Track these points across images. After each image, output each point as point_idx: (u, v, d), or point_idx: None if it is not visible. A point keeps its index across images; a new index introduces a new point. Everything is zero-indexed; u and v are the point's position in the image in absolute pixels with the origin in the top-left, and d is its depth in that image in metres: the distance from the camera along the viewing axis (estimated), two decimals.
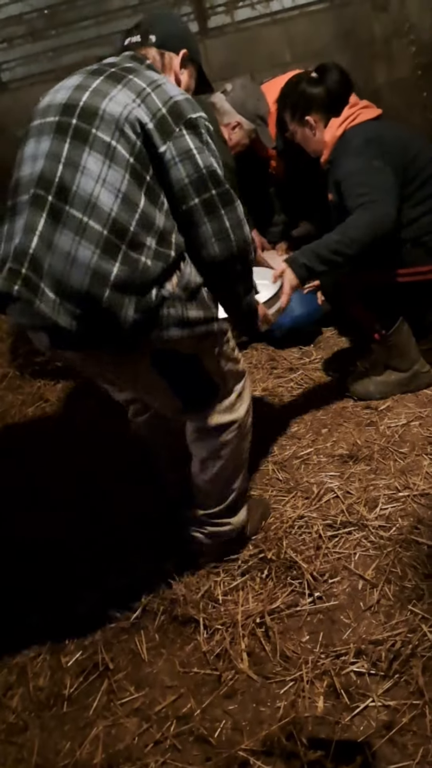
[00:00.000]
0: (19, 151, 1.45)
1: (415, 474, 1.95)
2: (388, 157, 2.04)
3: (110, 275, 1.33)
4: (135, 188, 1.38)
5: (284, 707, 1.40)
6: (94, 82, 1.41)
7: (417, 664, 1.41)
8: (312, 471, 2.06)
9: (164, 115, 1.39)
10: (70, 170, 1.35)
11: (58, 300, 1.33)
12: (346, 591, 1.64)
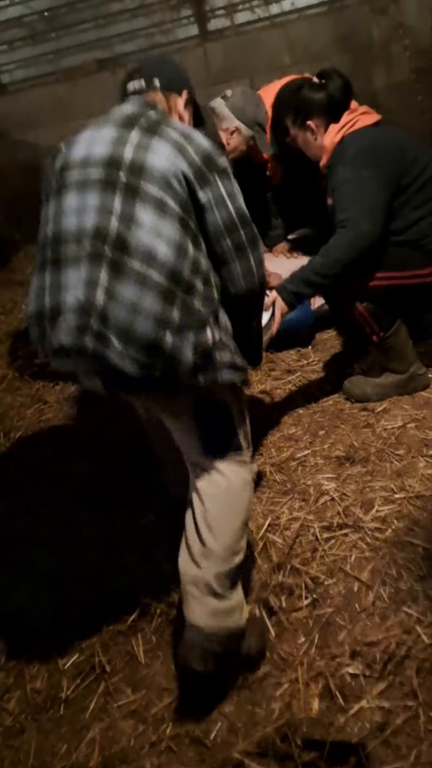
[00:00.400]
0: (52, 203, 1.49)
1: (411, 476, 1.95)
2: (382, 164, 2.06)
3: (171, 321, 1.42)
4: (184, 236, 1.47)
5: (279, 709, 1.41)
6: (131, 135, 1.48)
7: (411, 666, 1.42)
8: (309, 473, 2.07)
9: (200, 166, 1.50)
10: (125, 224, 1.43)
11: (123, 348, 1.40)
12: (342, 593, 1.64)
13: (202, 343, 1.46)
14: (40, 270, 1.49)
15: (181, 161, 1.48)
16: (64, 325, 1.41)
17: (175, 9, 4.44)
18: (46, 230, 1.49)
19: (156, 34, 4.52)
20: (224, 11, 4.42)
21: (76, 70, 4.59)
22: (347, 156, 2.10)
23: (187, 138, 1.52)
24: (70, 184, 1.48)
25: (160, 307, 1.41)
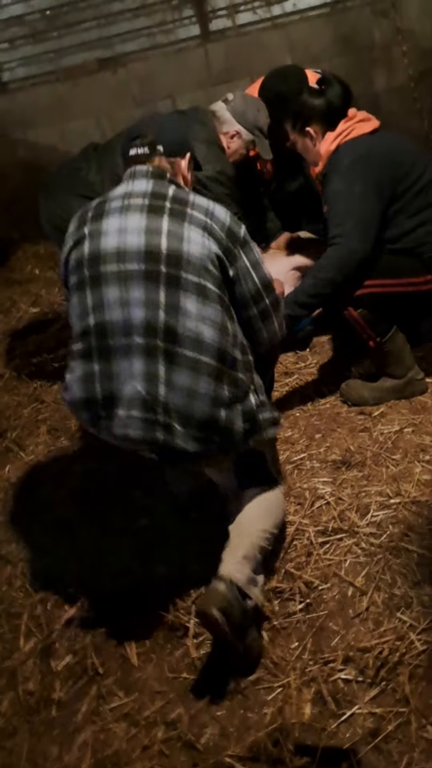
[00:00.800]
0: (89, 294, 1.59)
1: (407, 481, 1.95)
2: (375, 176, 2.08)
3: (223, 397, 1.58)
4: (224, 315, 1.61)
5: (271, 713, 1.41)
6: (162, 224, 1.58)
7: (404, 672, 1.42)
8: (305, 477, 2.07)
9: (227, 244, 1.62)
10: (172, 315, 1.55)
11: (184, 430, 1.55)
12: (336, 598, 1.65)
13: (249, 411, 1.63)
14: (85, 358, 1.59)
15: (212, 243, 1.60)
16: (129, 420, 1.55)
17: (176, 9, 4.42)
18: (87, 321, 1.59)
19: (157, 33, 4.50)
20: (226, 12, 4.40)
21: (77, 69, 4.57)
22: (341, 166, 2.11)
23: (211, 216, 1.63)
24: (108, 277, 1.57)
25: (213, 387, 1.56)
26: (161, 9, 4.43)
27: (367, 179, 2.07)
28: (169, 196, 1.64)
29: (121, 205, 1.63)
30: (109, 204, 1.65)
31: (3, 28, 4.62)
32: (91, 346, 1.58)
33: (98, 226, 1.62)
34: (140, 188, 1.65)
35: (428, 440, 2.10)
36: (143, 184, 1.66)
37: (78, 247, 1.63)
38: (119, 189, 1.69)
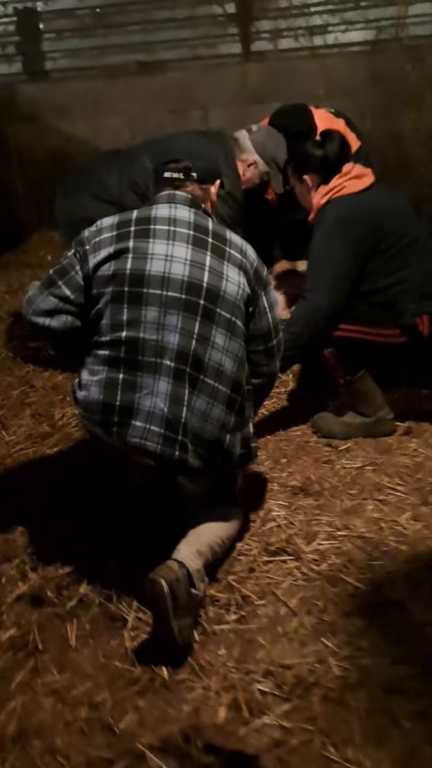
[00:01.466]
0: (127, 309, 1.73)
1: (358, 516, 2.06)
2: (354, 237, 2.22)
3: (230, 423, 1.78)
4: (244, 349, 1.82)
5: (188, 711, 1.51)
6: (206, 259, 1.76)
7: (317, 693, 1.52)
8: (263, 497, 2.18)
9: (255, 284, 1.83)
10: (203, 345, 1.73)
11: (194, 448, 1.73)
12: (269, 614, 1.75)
13: (247, 438, 1.84)
14: (111, 365, 1.74)
15: (244, 282, 1.79)
16: (147, 433, 1.70)
17: (221, 25, 4.56)
18: (120, 334, 1.73)
19: (199, 46, 4.64)
20: (269, 35, 4.54)
21: (117, 68, 4.70)
22: (325, 223, 2.27)
23: (244, 255, 1.83)
24: (150, 299, 1.72)
25: (224, 414, 1.76)
26: (207, 23, 4.57)
27: (346, 239, 2.22)
28: (210, 231, 1.81)
29: (168, 231, 1.77)
30: (155, 225, 1.78)
31: (53, 19, 4.76)
32: (120, 356, 1.72)
33: (144, 245, 1.75)
34: (184, 217, 1.80)
35: (386, 480, 2.21)
36: (185, 213, 1.81)
37: (119, 259, 1.75)
38: (162, 211, 1.81)
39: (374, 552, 1.91)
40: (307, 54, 4.53)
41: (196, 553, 1.71)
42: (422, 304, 2.24)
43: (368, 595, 1.77)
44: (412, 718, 1.44)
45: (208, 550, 1.75)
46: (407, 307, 2.24)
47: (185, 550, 1.71)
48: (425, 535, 1.95)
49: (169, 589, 1.55)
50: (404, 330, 2.24)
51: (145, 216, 1.81)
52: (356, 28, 4.41)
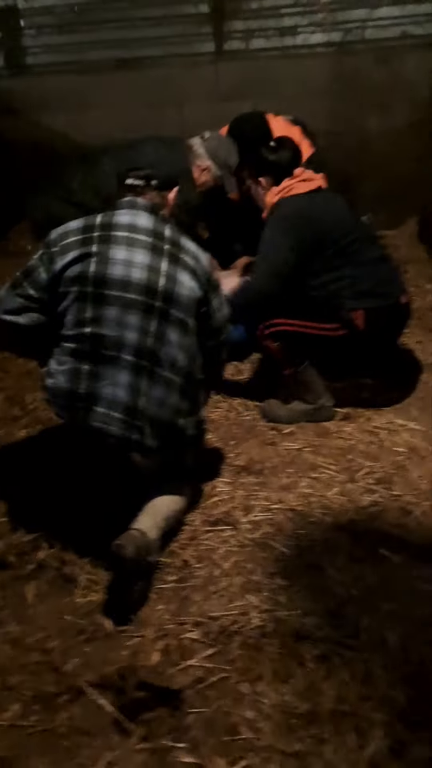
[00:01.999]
0: (90, 308, 1.94)
1: (292, 492, 2.30)
2: (297, 233, 2.43)
3: (183, 409, 2.03)
4: (195, 344, 2.05)
5: (127, 656, 1.75)
6: (162, 265, 1.99)
7: (238, 640, 1.76)
8: (211, 475, 2.41)
9: (207, 287, 2.06)
10: (158, 342, 1.97)
11: (151, 431, 1.96)
12: (204, 576, 1.99)
13: (198, 421, 2.10)
14: (76, 357, 1.96)
15: (196, 286, 2.03)
16: (109, 418, 1.92)
17: (196, 24, 4.71)
18: (84, 330, 1.94)
19: (176, 43, 4.79)
20: (241, 34, 4.71)
21: (96, 64, 4.86)
22: (274, 218, 2.47)
23: (197, 261, 2.06)
24: (111, 300, 1.94)
25: (178, 401, 2.00)
26: (182, 22, 4.73)
27: (289, 234, 2.43)
28: (167, 237, 2.04)
29: (128, 237, 1.99)
30: (116, 232, 1.99)
31: (33, 15, 4.90)
32: (84, 349, 1.95)
33: (106, 250, 1.96)
34: (143, 224, 2.02)
35: (320, 461, 2.45)
36: (145, 220, 2.03)
37: (83, 262, 1.96)
38: (123, 218, 2.02)
39: (302, 522, 2.15)
40: (278, 54, 4.70)
41: (154, 524, 1.95)
42: (358, 300, 2.46)
43: (292, 559, 2.01)
44: (315, 660, 1.69)
45: (163, 522, 1.99)
46: (345, 303, 2.47)
47: (144, 521, 1.94)
48: (348, 508, 2.20)
49: (135, 557, 1.79)
50: (343, 324, 2.47)
51: (107, 222, 2.02)
52: (324, 30, 4.57)
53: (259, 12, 4.62)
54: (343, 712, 1.56)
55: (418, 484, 2.26)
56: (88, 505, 2.19)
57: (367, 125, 4.64)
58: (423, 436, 2.51)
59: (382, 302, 2.46)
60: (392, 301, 2.48)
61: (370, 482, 2.30)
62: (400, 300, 2.50)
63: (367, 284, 2.47)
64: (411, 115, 4.53)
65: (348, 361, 2.79)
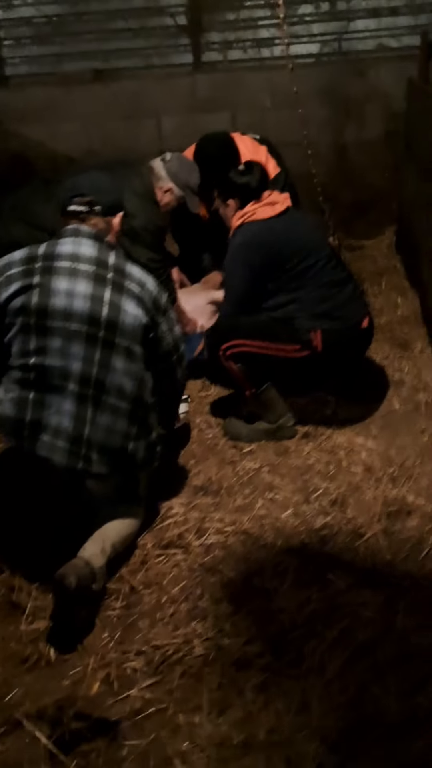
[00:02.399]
0: (33, 339, 1.95)
1: (246, 513, 2.29)
2: (254, 260, 2.47)
3: (132, 434, 2.02)
4: (144, 371, 2.06)
5: (67, 685, 1.75)
6: (105, 294, 1.98)
7: (179, 670, 1.76)
8: (167, 495, 2.40)
9: (153, 312, 2.05)
10: (104, 370, 1.96)
11: (99, 458, 1.97)
12: (151, 602, 1.98)
13: (151, 443, 2.09)
14: (21, 386, 1.96)
15: (142, 313, 2.02)
16: (54, 447, 1.92)
17: (173, 36, 4.72)
18: (28, 360, 1.95)
19: (152, 55, 4.80)
20: (219, 46, 4.71)
21: (74, 75, 4.86)
22: (232, 246, 2.53)
23: (142, 287, 2.05)
24: (54, 330, 1.94)
25: (127, 427, 2.00)
26: (159, 34, 4.73)
27: (245, 263, 2.48)
28: (110, 265, 2.03)
29: (70, 267, 1.98)
30: (58, 262, 1.99)
31: (11, 27, 4.90)
32: (30, 379, 1.95)
33: (47, 281, 1.96)
34: (86, 253, 2.01)
35: (278, 481, 2.44)
36: (89, 248, 2.02)
37: (25, 294, 1.96)
38: (66, 247, 2.02)
39: (253, 546, 2.15)
40: (256, 65, 4.70)
41: (100, 552, 1.94)
42: (315, 321, 2.46)
43: (240, 584, 2.01)
44: (254, 690, 1.68)
45: (110, 549, 1.98)
46: (303, 324, 2.47)
47: (91, 549, 1.94)
48: (300, 530, 2.19)
49: (77, 586, 1.78)
50: (303, 345, 2.47)
51: (50, 252, 2.02)
52: (301, 42, 4.58)
53: (236, 24, 4.62)
54: (276, 743, 1.56)
55: (371, 506, 2.26)
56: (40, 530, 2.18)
57: (344, 136, 4.65)
58: (380, 456, 2.50)
59: (340, 324, 2.46)
60: (350, 324, 2.49)
61: (324, 504, 2.30)
62: (359, 323, 2.50)
63: (325, 306, 2.47)
64: (386, 126, 4.53)
65: (309, 381, 2.80)
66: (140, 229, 2.77)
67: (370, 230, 4.82)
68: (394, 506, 2.24)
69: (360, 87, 4.52)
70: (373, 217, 4.81)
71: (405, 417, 2.74)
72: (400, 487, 2.33)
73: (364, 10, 4.43)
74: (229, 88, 4.63)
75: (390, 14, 4.41)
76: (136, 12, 4.70)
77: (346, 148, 4.69)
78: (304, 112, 4.57)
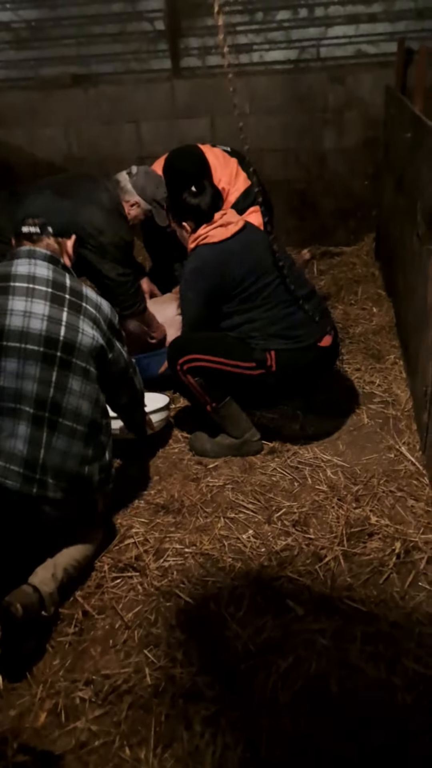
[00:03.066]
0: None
1: (207, 533, 2.25)
2: (205, 285, 2.44)
3: (88, 456, 1.99)
4: (98, 391, 2.03)
5: (13, 716, 1.71)
6: (63, 315, 1.96)
7: (128, 700, 1.72)
8: (127, 514, 2.37)
9: (108, 334, 2.06)
10: (60, 392, 1.93)
11: (55, 483, 1.92)
12: (105, 628, 1.95)
13: (105, 466, 2.06)
14: None
15: (98, 334, 2.02)
16: (7, 471, 1.86)
17: (152, 41, 4.67)
18: None
19: (131, 60, 4.75)
20: (197, 52, 4.66)
21: (52, 80, 4.81)
22: (185, 271, 2.50)
23: (98, 309, 2.06)
24: (9, 351, 1.90)
25: (82, 449, 1.97)
26: (138, 39, 4.68)
27: (197, 288, 2.46)
28: (67, 287, 2.02)
29: (26, 288, 1.95)
30: (15, 283, 1.96)
31: None
32: None
33: (4, 302, 1.93)
34: (42, 274, 1.99)
35: (241, 498, 2.40)
36: (44, 270, 2.00)
37: None
38: (22, 268, 1.99)
39: (212, 568, 2.11)
40: (235, 71, 4.65)
41: (51, 577, 1.91)
42: (269, 341, 2.42)
43: (195, 609, 1.97)
44: (202, 722, 1.65)
45: (62, 573, 1.95)
46: (258, 343, 2.43)
47: (41, 575, 1.91)
48: (260, 552, 2.15)
49: (24, 614, 1.75)
50: (257, 364, 2.43)
51: (6, 273, 1.99)
52: (279, 48, 4.54)
53: (214, 29, 4.54)
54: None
55: (333, 527, 2.22)
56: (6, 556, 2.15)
57: (322, 143, 4.61)
58: (345, 473, 2.47)
59: (294, 344, 2.41)
60: (306, 344, 2.42)
61: (287, 523, 2.26)
62: (318, 342, 2.45)
63: (277, 327, 2.42)
64: (365, 132, 4.49)
65: (268, 397, 2.77)
66: (108, 245, 2.74)
67: (350, 237, 4.80)
68: (356, 527, 2.20)
69: (339, 94, 4.48)
70: (353, 224, 4.79)
71: (373, 432, 2.71)
72: (363, 507, 2.29)
73: (343, 17, 4.38)
74: (208, 93, 4.58)
75: (368, 21, 4.36)
76: (115, 17, 4.64)
77: (326, 155, 4.64)
78: (282, 119, 4.57)
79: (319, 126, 4.58)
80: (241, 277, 2.39)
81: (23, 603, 1.76)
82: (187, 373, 2.44)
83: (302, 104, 4.52)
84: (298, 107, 4.53)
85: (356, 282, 4.13)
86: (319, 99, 4.50)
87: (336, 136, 4.60)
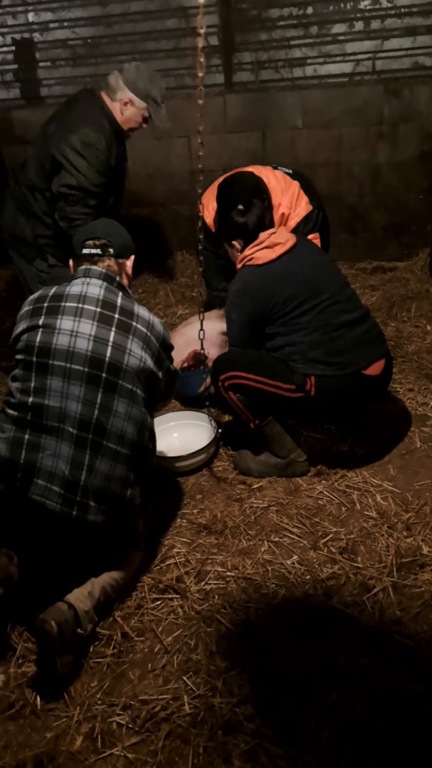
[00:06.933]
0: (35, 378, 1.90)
1: (250, 557, 2.20)
2: (248, 308, 2.41)
3: (131, 479, 1.98)
4: (146, 414, 2.01)
5: (49, 738, 1.69)
6: (110, 335, 1.92)
7: (165, 729, 1.68)
8: (169, 534, 2.33)
9: (160, 353, 2.02)
10: (105, 414, 1.90)
11: (97, 506, 1.90)
12: (144, 651, 1.91)
13: (146, 488, 2.05)
14: (18, 425, 1.90)
15: (148, 356, 1.97)
16: (48, 492, 1.86)
17: (206, 56, 4.65)
18: (27, 399, 1.89)
19: (185, 75, 4.77)
20: (250, 66, 4.65)
21: None
22: (230, 292, 2.46)
23: (151, 329, 2.01)
24: (54, 370, 1.89)
25: (126, 473, 1.95)
26: (192, 54, 4.70)
27: (239, 310, 2.43)
28: (118, 307, 1.97)
29: (76, 308, 1.94)
30: (65, 303, 1.95)
31: (47, 48, 4.95)
32: (27, 419, 1.90)
33: (53, 321, 1.93)
34: (93, 294, 1.97)
35: (285, 521, 2.34)
36: (96, 289, 1.98)
37: (31, 333, 1.94)
38: (75, 288, 1.99)
39: (254, 594, 2.05)
40: (288, 85, 4.63)
41: (88, 595, 1.89)
42: (308, 366, 2.36)
43: (236, 636, 1.91)
44: (241, 756, 1.59)
45: (100, 592, 1.92)
46: (298, 367, 2.37)
47: (77, 592, 1.89)
48: (305, 580, 2.08)
49: (58, 631, 1.73)
50: (297, 387, 2.37)
51: (59, 293, 1.99)
52: (334, 61, 4.48)
53: (268, 44, 4.55)
54: None
55: (382, 556, 2.13)
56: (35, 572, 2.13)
57: (376, 156, 4.52)
58: (396, 499, 2.37)
59: (335, 371, 2.34)
60: (349, 371, 2.34)
61: (333, 550, 2.18)
62: (362, 370, 2.36)
63: (316, 353, 2.35)
64: (420, 146, 4.39)
65: (311, 420, 2.71)
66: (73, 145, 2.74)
67: (404, 252, 4.68)
68: (407, 557, 2.11)
69: (394, 107, 4.39)
70: (407, 239, 4.67)
71: (426, 457, 2.60)
72: (415, 536, 2.19)
73: (400, 29, 4.30)
74: (261, 107, 4.56)
75: (426, 32, 4.27)
76: (168, 33, 4.69)
77: (380, 168, 4.55)
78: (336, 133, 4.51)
79: (373, 139, 4.49)
80: (282, 301, 2.34)
81: (57, 620, 1.74)
82: (229, 390, 2.40)
83: (356, 117, 4.45)
84: (352, 120, 4.46)
85: (409, 298, 4.02)
86: (374, 112, 4.42)
87: (390, 149, 4.50)
